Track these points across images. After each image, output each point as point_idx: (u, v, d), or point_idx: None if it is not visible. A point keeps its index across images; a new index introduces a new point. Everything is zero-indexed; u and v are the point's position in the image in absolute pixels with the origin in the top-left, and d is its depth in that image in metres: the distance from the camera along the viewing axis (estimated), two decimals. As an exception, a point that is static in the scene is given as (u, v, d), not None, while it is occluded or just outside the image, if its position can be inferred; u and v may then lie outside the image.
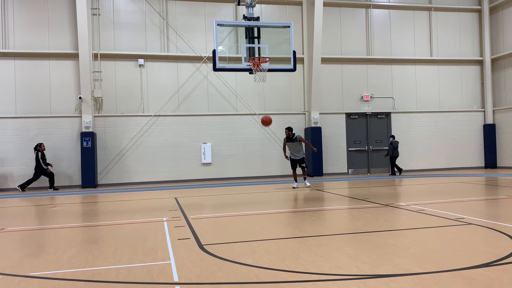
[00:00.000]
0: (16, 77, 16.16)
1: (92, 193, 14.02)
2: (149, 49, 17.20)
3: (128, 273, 4.37)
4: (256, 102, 17.95)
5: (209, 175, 17.44)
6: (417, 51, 19.68)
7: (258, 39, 11.09)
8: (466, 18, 20.19)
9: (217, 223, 7.54)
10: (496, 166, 19.68)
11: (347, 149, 18.83)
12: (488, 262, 4.31)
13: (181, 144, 17.27)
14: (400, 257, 4.66)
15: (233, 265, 4.51)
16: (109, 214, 9.23)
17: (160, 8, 17.33)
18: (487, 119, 20.08)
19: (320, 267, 4.37)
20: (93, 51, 16.56)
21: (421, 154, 19.48)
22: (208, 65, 17.15)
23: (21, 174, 15.89)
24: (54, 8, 16.46)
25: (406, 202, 9.17)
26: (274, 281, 3.97)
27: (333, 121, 18.57)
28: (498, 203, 9.16)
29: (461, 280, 3.80)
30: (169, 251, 5.25)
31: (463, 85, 20.23)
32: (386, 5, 19.41)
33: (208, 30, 17.12)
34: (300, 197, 11.04)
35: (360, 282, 3.84)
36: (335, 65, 18.83)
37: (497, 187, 12.29)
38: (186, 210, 8.93)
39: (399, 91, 19.43)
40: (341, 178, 17.22)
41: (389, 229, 6.43)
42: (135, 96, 17.07)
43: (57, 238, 6.54)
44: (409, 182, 14.49)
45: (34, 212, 9.98)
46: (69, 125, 16.36)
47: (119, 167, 16.64)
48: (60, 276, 4.34)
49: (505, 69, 19.62)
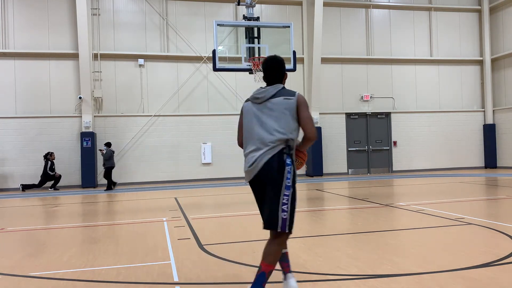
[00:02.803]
0: (16, 77, 16.17)
1: (92, 193, 14.02)
2: (149, 49, 17.20)
3: (128, 273, 4.37)
4: (256, 102, 17.92)
5: (209, 175, 17.44)
6: (417, 51, 19.67)
7: (258, 39, 11.09)
8: (466, 18, 20.19)
9: (217, 223, 7.54)
10: (496, 166, 19.68)
11: (347, 149, 18.83)
12: (488, 262, 4.31)
13: (181, 144, 17.26)
14: (400, 257, 4.66)
15: (233, 265, 4.51)
16: (109, 214, 9.23)
17: (160, 8, 17.33)
18: (487, 119, 20.08)
19: (320, 267, 4.37)
20: (93, 51, 16.56)
21: (421, 154, 19.47)
22: (208, 65, 17.14)
23: (22, 174, 15.90)
24: (54, 8, 16.46)
25: (406, 202, 9.17)
26: (274, 281, 3.97)
27: (333, 121, 18.57)
28: (498, 203, 9.16)
29: (461, 280, 3.80)
30: (169, 251, 5.25)
31: (463, 85, 20.22)
32: (386, 5, 19.41)
33: (208, 30, 17.12)
34: (300, 197, 11.04)
35: (360, 282, 3.84)
36: (335, 65, 18.83)
37: (497, 187, 12.29)
38: (186, 210, 8.93)
39: (399, 91, 19.42)
40: (341, 178, 17.22)
41: (389, 229, 6.43)
42: (135, 96, 17.07)
43: (57, 238, 6.54)
44: (409, 182, 14.49)
45: (34, 212, 9.98)
46: (69, 125, 16.36)
47: (119, 167, 16.63)
48: (60, 276, 4.34)
49: (505, 69, 19.62)
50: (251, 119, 3.41)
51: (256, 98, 3.42)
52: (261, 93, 3.41)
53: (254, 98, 3.44)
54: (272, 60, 3.53)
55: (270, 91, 3.39)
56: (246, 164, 3.36)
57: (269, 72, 3.49)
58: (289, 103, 3.31)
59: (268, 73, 3.49)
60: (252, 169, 3.29)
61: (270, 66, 3.50)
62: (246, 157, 3.39)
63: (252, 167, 3.28)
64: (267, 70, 3.51)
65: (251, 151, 3.35)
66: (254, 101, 3.44)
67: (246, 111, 3.48)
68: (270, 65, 3.50)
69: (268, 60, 3.55)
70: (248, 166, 3.32)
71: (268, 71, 3.49)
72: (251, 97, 3.48)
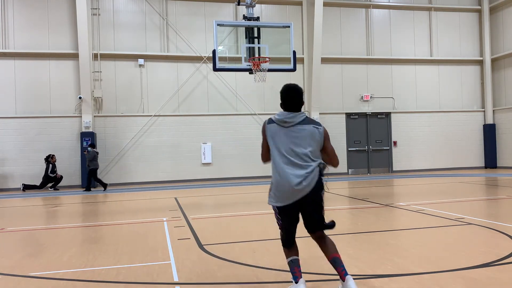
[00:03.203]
0: (16, 77, 16.17)
1: (92, 193, 14.02)
2: (149, 49, 17.20)
3: (128, 273, 4.37)
4: (256, 102, 17.95)
5: (209, 175, 17.44)
6: (417, 51, 19.67)
7: (258, 39, 11.09)
8: (466, 18, 20.18)
9: (217, 223, 7.54)
10: (496, 166, 19.68)
11: (347, 149, 18.83)
12: (488, 262, 4.31)
13: (181, 144, 17.26)
14: (400, 257, 4.66)
15: (233, 265, 4.51)
16: (109, 214, 9.22)
17: (160, 8, 17.33)
18: (487, 119, 20.08)
19: (320, 267, 4.37)
20: (93, 51, 16.56)
21: (421, 154, 19.47)
22: (208, 65, 17.14)
23: (21, 174, 15.89)
24: (54, 8, 16.46)
25: (406, 202, 9.17)
26: (274, 281, 3.97)
27: (333, 121, 18.56)
28: (498, 203, 9.16)
29: (461, 280, 3.80)
30: (169, 251, 5.25)
31: (463, 85, 20.22)
32: (386, 5, 19.41)
33: (208, 30, 17.11)
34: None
35: (360, 282, 3.84)
36: (335, 65, 18.82)
37: (497, 187, 12.29)
38: (186, 210, 8.93)
39: (399, 91, 19.42)
40: (341, 178, 17.22)
41: (389, 229, 6.43)
42: (135, 96, 17.07)
43: (57, 238, 6.54)
44: (409, 182, 14.49)
45: (35, 212, 9.98)
46: (69, 125, 16.36)
47: (119, 167, 16.64)
48: (60, 276, 4.34)
49: (505, 69, 19.61)
50: (283, 140, 3.61)
51: (285, 122, 3.62)
52: (290, 118, 3.62)
53: (282, 122, 3.63)
54: (297, 88, 3.76)
55: (299, 117, 3.63)
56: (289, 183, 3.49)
57: (297, 99, 3.70)
58: (318, 133, 3.62)
59: (297, 100, 3.69)
60: (302, 189, 3.49)
61: (298, 94, 3.72)
62: (281, 175, 3.54)
63: (301, 187, 3.49)
64: (295, 97, 3.71)
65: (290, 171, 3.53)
66: (282, 125, 3.62)
67: (273, 132, 3.64)
68: (297, 93, 3.72)
69: (293, 88, 3.75)
70: (295, 185, 3.48)
71: (297, 99, 3.70)
72: (277, 120, 3.65)
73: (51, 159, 15.47)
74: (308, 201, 3.55)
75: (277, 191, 3.56)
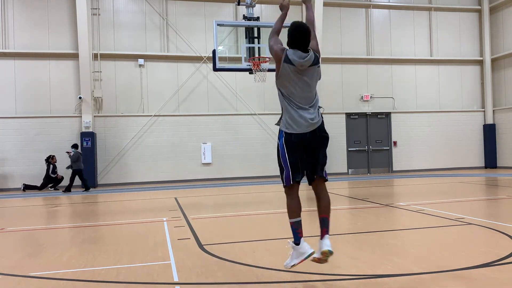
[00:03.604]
0: (16, 77, 16.17)
1: (92, 193, 14.02)
2: (149, 49, 17.20)
3: (128, 273, 4.37)
4: (256, 102, 17.94)
5: (209, 175, 17.44)
6: (417, 51, 19.67)
7: (258, 39, 11.08)
8: (466, 18, 20.18)
9: (217, 223, 7.54)
10: (496, 166, 19.68)
11: (347, 149, 18.83)
12: (488, 262, 4.31)
13: (181, 144, 17.26)
14: (400, 257, 4.66)
15: (233, 265, 4.51)
16: (109, 214, 9.23)
17: (160, 8, 17.33)
18: (487, 119, 20.08)
19: (320, 267, 4.36)
20: (93, 51, 16.56)
21: (421, 154, 19.47)
22: (208, 65, 17.13)
23: (21, 174, 15.89)
24: (54, 8, 16.46)
25: (406, 202, 9.17)
26: (274, 281, 3.97)
27: (333, 121, 18.54)
28: (498, 203, 9.16)
29: (461, 280, 3.80)
30: (169, 251, 5.24)
31: (463, 85, 20.22)
32: (386, 5, 19.41)
33: (208, 30, 17.10)
34: (300, 197, 11.01)
35: (360, 282, 3.83)
36: (335, 65, 18.82)
37: (497, 187, 12.29)
38: (186, 210, 8.93)
39: (399, 91, 19.42)
40: (341, 178, 17.22)
41: (389, 229, 6.43)
42: (135, 96, 17.07)
43: (57, 238, 6.54)
44: (409, 182, 14.49)
45: (34, 212, 9.98)
46: (69, 125, 16.36)
47: (119, 167, 16.64)
48: (60, 276, 4.34)
49: (505, 69, 19.61)
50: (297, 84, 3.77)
51: (301, 65, 3.70)
52: (307, 60, 3.69)
53: (300, 65, 3.69)
54: (306, 25, 3.74)
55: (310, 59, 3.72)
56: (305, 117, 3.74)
57: (308, 37, 3.72)
58: (318, 73, 3.86)
59: (308, 38, 3.71)
60: (315, 123, 3.78)
61: (308, 31, 3.71)
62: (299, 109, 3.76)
63: (314, 122, 3.77)
64: (306, 35, 3.70)
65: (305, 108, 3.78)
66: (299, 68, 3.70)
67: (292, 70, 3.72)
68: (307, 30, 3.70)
69: (301, 25, 3.72)
70: (310, 119, 3.75)
71: (308, 37, 3.71)
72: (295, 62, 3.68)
73: (52, 160, 15.48)
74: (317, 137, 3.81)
75: (293, 123, 3.75)
